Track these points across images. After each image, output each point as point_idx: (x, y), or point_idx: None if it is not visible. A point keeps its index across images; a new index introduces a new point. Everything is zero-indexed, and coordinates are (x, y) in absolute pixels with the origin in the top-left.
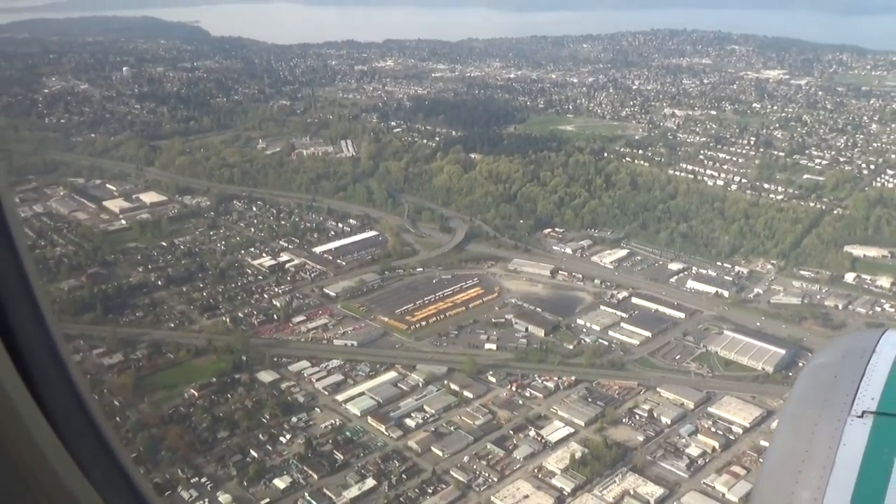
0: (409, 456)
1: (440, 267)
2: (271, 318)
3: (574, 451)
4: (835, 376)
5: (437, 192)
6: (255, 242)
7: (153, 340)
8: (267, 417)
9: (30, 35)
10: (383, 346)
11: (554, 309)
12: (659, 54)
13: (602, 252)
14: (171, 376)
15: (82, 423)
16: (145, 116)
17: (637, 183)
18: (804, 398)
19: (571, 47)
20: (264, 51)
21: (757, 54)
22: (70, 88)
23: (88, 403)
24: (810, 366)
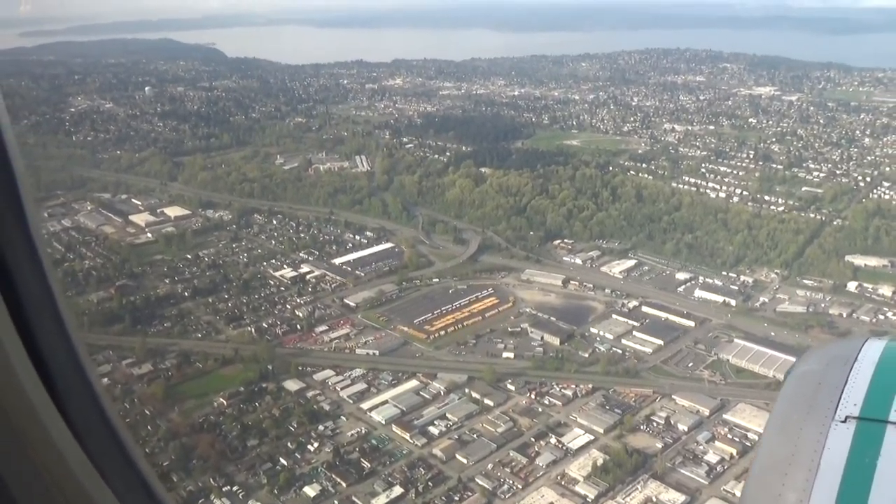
0: (434, 463)
1: (455, 278)
2: (295, 328)
3: (595, 458)
4: (819, 383)
5: (449, 205)
6: (276, 254)
7: (181, 350)
8: (294, 425)
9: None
10: (404, 355)
11: (567, 318)
12: (654, 72)
13: (611, 262)
14: (200, 385)
15: (102, 428)
16: (168, 134)
17: (642, 195)
18: (790, 404)
19: (571, 66)
20: (278, 71)
21: (748, 72)
22: (95, 107)
23: (109, 411)
24: (795, 373)
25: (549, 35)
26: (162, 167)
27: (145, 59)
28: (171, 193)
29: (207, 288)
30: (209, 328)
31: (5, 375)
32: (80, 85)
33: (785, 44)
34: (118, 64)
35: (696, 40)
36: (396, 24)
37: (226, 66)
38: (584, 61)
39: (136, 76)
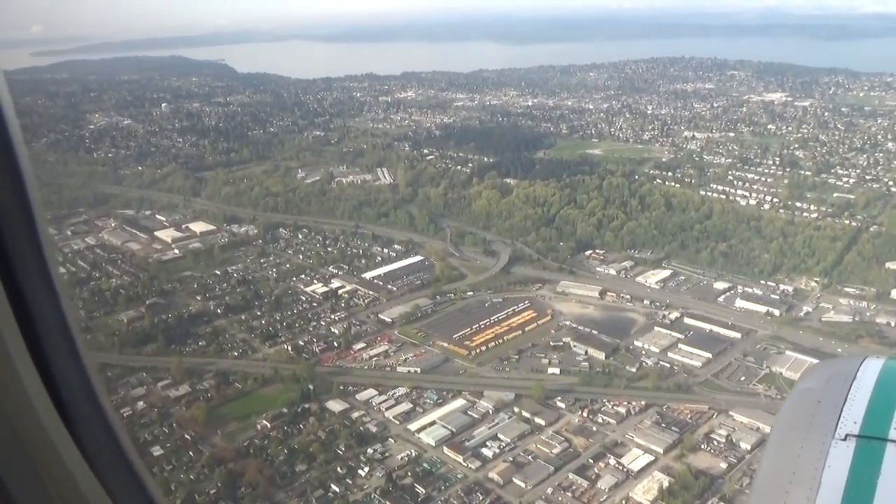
0: (491, 488)
1: (490, 290)
2: (332, 345)
3: (660, 481)
4: (819, 401)
5: (477, 217)
6: (306, 269)
7: (219, 370)
8: (342, 449)
9: (69, 75)
10: (447, 373)
11: (609, 331)
12: (663, 80)
13: (645, 272)
14: (241, 407)
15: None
16: (188, 149)
17: (671, 204)
18: (790, 422)
19: (579, 75)
20: (290, 85)
21: (756, 79)
22: (114, 124)
23: (110, 416)
24: (795, 391)
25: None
26: (184, 183)
27: (158, 76)
28: (195, 209)
29: (239, 305)
30: (245, 346)
31: (9, 379)
32: (97, 102)
33: (786, 50)
34: (132, 81)
35: (697, 49)
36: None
37: (238, 81)
38: (591, 71)
39: (151, 92)
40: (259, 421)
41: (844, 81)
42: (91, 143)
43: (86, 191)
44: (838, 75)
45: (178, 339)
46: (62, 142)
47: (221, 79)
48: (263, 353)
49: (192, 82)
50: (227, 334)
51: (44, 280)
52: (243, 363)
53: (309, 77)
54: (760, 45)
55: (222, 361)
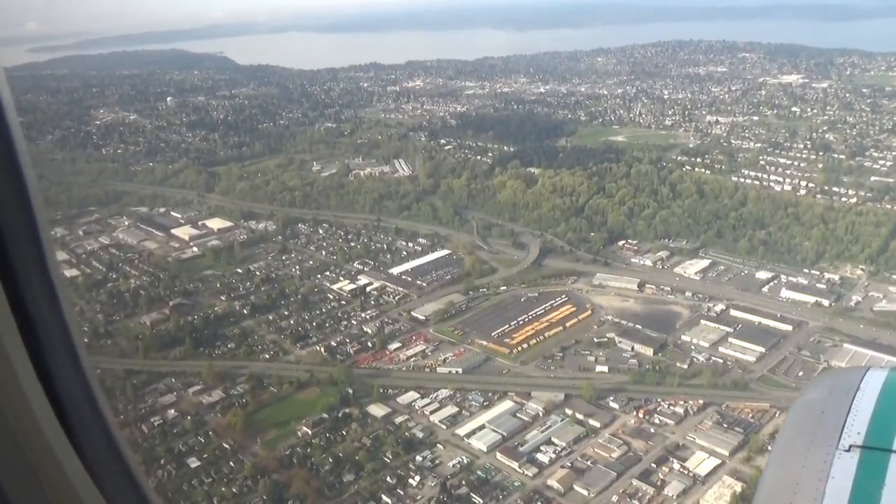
0: (552, 496)
1: (523, 285)
2: (366, 345)
3: (731, 486)
4: (822, 412)
5: (502, 208)
6: (330, 266)
7: (251, 374)
8: (389, 456)
9: (69, 71)
10: (490, 373)
11: (654, 325)
12: (673, 64)
13: (683, 263)
14: (278, 412)
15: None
16: (198, 144)
17: (703, 191)
18: (794, 433)
19: (587, 61)
20: (295, 76)
21: (768, 61)
22: (120, 119)
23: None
24: (798, 402)
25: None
26: (197, 178)
27: (159, 70)
28: (210, 205)
29: (266, 304)
30: (275, 348)
31: (9, 383)
32: (100, 97)
33: (792, 32)
34: (133, 75)
35: (701, 32)
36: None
37: (240, 73)
38: (599, 56)
39: (154, 87)
40: (299, 427)
41: (860, 62)
42: (98, 140)
43: (96, 189)
44: (852, 56)
45: (205, 341)
46: (68, 139)
47: (224, 72)
48: (296, 356)
49: (195, 76)
50: (255, 336)
51: (45, 283)
52: (276, 366)
53: (312, 68)
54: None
55: (254, 364)
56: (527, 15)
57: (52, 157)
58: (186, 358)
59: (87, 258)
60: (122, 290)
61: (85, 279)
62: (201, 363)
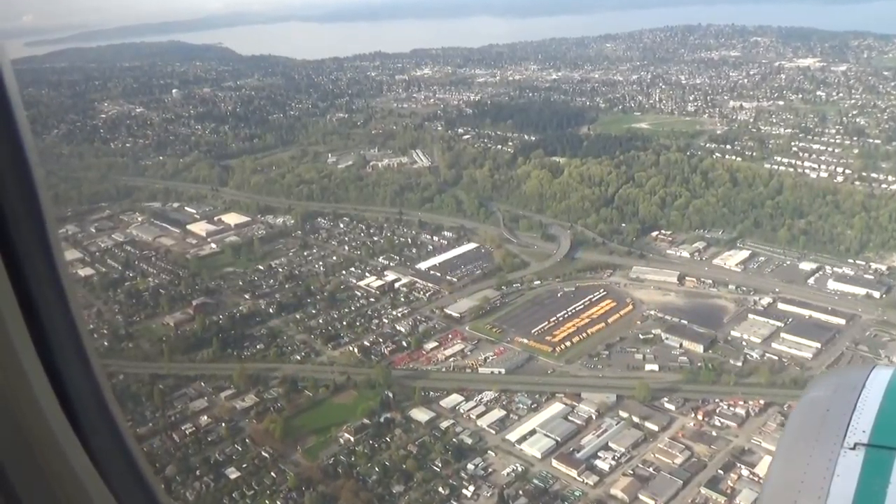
0: None
1: (558, 279)
2: (400, 345)
3: None
4: (827, 410)
5: (528, 199)
6: (354, 261)
7: (285, 377)
8: (438, 465)
9: (68, 64)
10: (534, 372)
11: (700, 320)
12: (684, 49)
13: (721, 254)
14: (316, 418)
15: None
16: (208, 137)
17: (737, 179)
18: (799, 431)
19: (595, 47)
20: (299, 66)
21: (781, 44)
22: (126, 112)
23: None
24: (803, 400)
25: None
26: (210, 172)
27: (161, 62)
28: (225, 199)
29: (292, 303)
30: (306, 349)
31: (18, 382)
32: (103, 90)
33: (795, 15)
34: (134, 67)
35: (706, 15)
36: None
37: (243, 64)
38: (607, 42)
39: (157, 78)
40: (340, 434)
41: (875, 44)
42: (105, 134)
43: (106, 184)
44: (866, 39)
45: (233, 342)
46: (75, 133)
47: (226, 62)
48: (328, 356)
49: (197, 67)
50: (284, 336)
51: (53, 280)
52: (309, 368)
53: (315, 58)
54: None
55: (286, 366)
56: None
57: (58, 151)
58: (215, 360)
59: (102, 256)
60: (141, 290)
61: (101, 278)
62: (231, 366)
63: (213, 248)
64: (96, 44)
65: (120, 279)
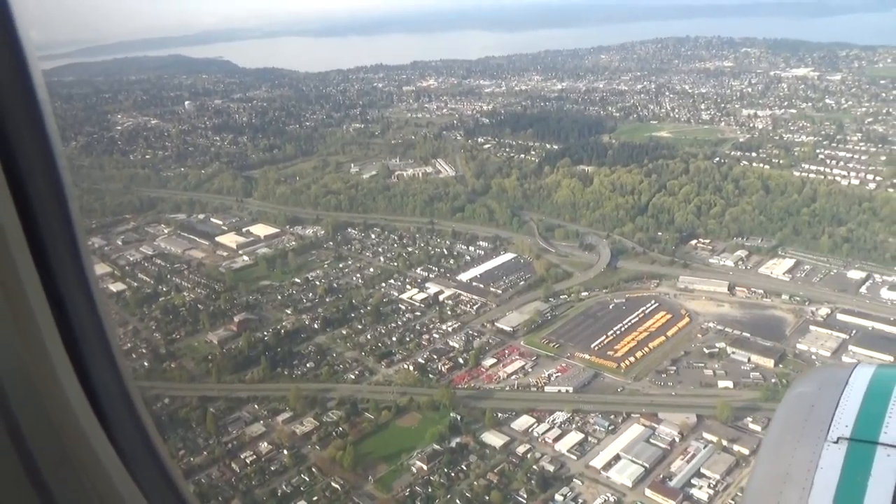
0: None
1: (605, 289)
2: (457, 362)
3: None
4: (812, 405)
5: (560, 208)
6: (392, 273)
7: (342, 398)
8: (524, 495)
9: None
10: (602, 391)
11: (761, 333)
12: (679, 60)
13: (766, 262)
14: (382, 443)
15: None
16: (228, 147)
17: (769, 187)
18: (784, 425)
19: (590, 59)
20: (306, 79)
21: (771, 55)
22: (142, 124)
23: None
24: (789, 395)
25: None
26: (234, 183)
27: (167, 75)
28: (251, 210)
29: (336, 318)
30: (359, 367)
31: (48, 379)
32: (113, 102)
33: (774, 28)
34: (141, 80)
35: (683, 29)
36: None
37: (249, 76)
38: (601, 54)
39: (166, 91)
40: (412, 461)
41: (863, 55)
42: (124, 145)
43: (129, 195)
44: (852, 50)
45: (281, 361)
46: (93, 144)
47: (232, 75)
48: (384, 375)
49: (203, 79)
50: (333, 353)
51: (81, 280)
52: (366, 388)
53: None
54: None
55: (341, 387)
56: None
57: (78, 163)
58: (265, 380)
59: (132, 270)
60: (178, 305)
61: (134, 294)
62: (283, 386)
63: (246, 261)
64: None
65: (154, 294)
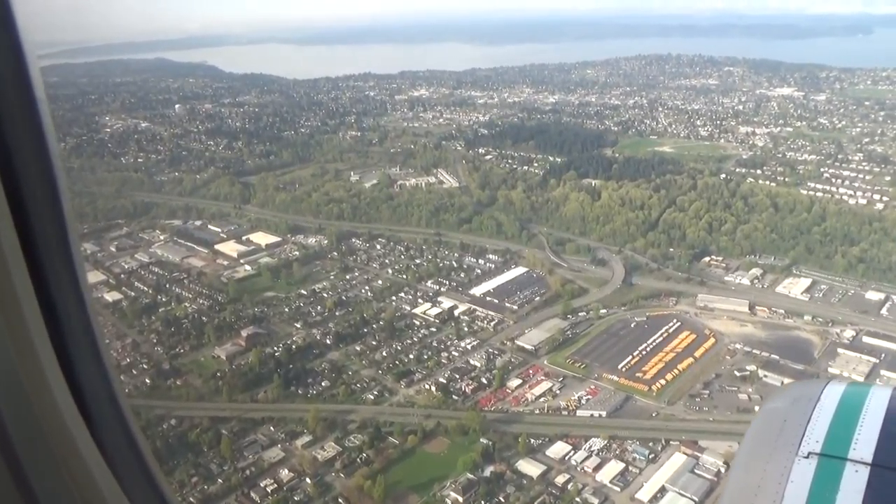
0: None
1: (623, 307)
2: (480, 382)
3: None
4: (784, 420)
5: (569, 222)
6: (402, 286)
7: (363, 421)
8: None
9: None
10: (636, 415)
11: (790, 355)
12: (664, 77)
13: (782, 281)
14: (411, 472)
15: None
16: (222, 153)
17: (777, 205)
18: (757, 439)
19: (576, 73)
20: (295, 85)
21: (754, 74)
22: (132, 127)
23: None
24: (763, 410)
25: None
26: (231, 189)
27: (153, 78)
28: (250, 218)
29: (348, 333)
30: (378, 387)
31: (38, 382)
32: (100, 105)
33: (747, 49)
34: (127, 83)
35: (660, 47)
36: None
37: (236, 81)
38: (587, 68)
39: (153, 94)
40: (445, 491)
41: (842, 76)
42: (114, 148)
43: (123, 200)
44: (832, 71)
45: (295, 379)
46: (82, 147)
47: (219, 79)
48: (404, 396)
49: (191, 83)
50: (349, 371)
51: (72, 284)
52: (388, 410)
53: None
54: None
55: (360, 408)
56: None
57: (67, 165)
58: (279, 400)
59: (128, 279)
60: (180, 317)
61: (131, 304)
62: (298, 406)
63: (249, 270)
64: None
65: (153, 304)
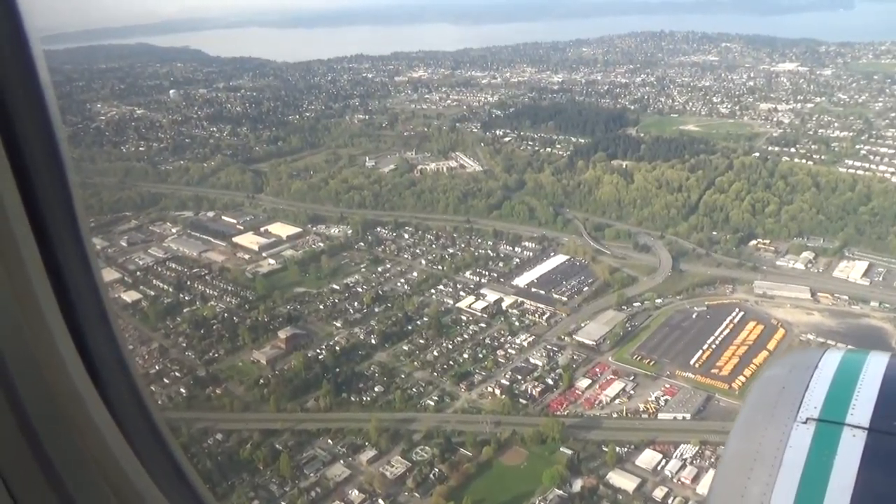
0: None
1: (678, 296)
2: (546, 383)
3: None
4: (783, 387)
5: (605, 206)
6: (440, 278)
7: (428, 430)
8: None
9: None
10: (723, 417)
11: (864, 345)
12: (662, 54)
13: (837, 265)
14: (492, 488)
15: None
16: (227, 139)
17: (819, 184)
18: (756, 406)
19: (572, 51)
20: (287, 69)
21: (753, 49)
22: (128, 114)
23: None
24: (762, 378)
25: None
26: (242, 177)
27: (139, 64)
28: (265, 208)
29: (393, 331)
30: (436, 391)
31: (48, 349)
32: (89, 91)
33: (735, 24)
34: (112, 69)
35: (648, 25)
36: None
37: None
38: (582, 46)
39: (142, 80)
40: None
41: (841, 51)
42: (113, 137)
43: (128, 191)
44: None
45: (345, 384)
46: (78, 136)
47: (208, 64)
48: (467, 401)
49: (179, 68)
50: (401, 374)
51: (86, 274)
52: (453, 418)
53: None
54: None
55: (422, 416)
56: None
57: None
58: (332, 408)
59: (145, 276)
60: (208, 317)
61: (152, 304)
62: (354, 416)
63: (273, 264)
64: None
65: (176, 304)
